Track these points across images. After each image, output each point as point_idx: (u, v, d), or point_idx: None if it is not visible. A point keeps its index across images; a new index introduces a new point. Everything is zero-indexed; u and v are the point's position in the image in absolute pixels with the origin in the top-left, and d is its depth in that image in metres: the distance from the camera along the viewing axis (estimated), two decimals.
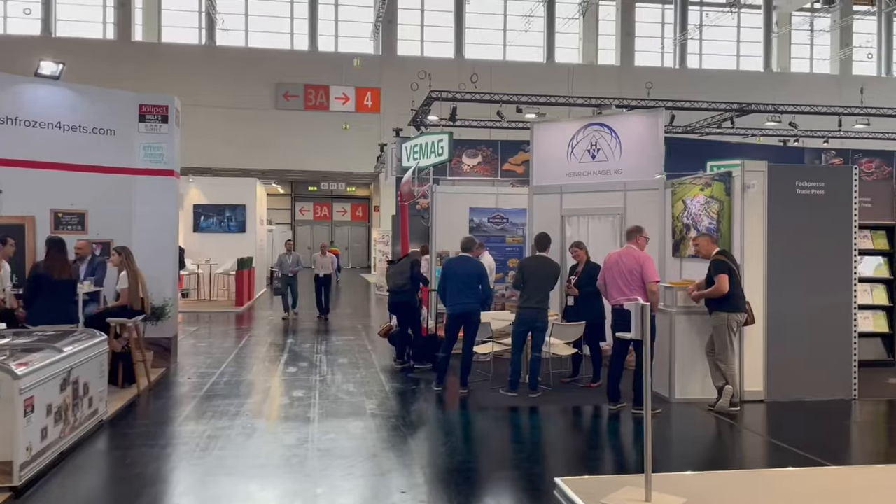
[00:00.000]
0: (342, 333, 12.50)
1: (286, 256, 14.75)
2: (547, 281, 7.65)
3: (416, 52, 31.69)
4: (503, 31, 32.80)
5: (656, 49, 33.73)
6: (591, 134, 10.06)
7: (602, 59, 32.86)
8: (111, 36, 30.08)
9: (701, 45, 33.81)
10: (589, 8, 32.09)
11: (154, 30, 30.28)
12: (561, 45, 32.96)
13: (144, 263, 8.51)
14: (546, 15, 32.44)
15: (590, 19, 32.59)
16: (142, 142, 9.00)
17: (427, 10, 32.48)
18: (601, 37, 33.09)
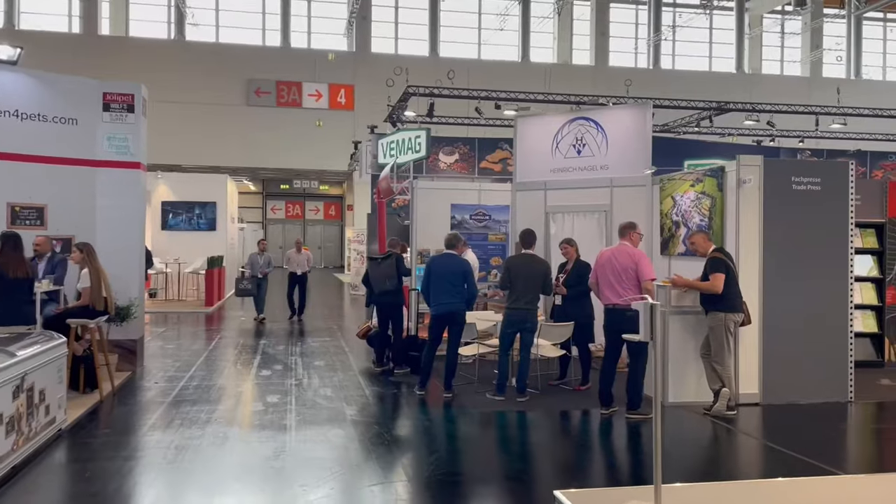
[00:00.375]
0: (317, 335, 12.03)
1: (258, 256, 13.73)
2: (535, 280, 7.28)
3: (391, 49, 31.23)
4: (478, 30, 32.49)
5: (631, 49, 33.68)
6: (577, 129, 9.73)
7: (577, 59, 32.71)
8: (77, 29, 29.12)
9: (674, 45, 33.85)
10: (564, 7, 31.92)
11: (122, 23, 29.40)
12: (536, 45, 32.75)
13: (108, 261, 7.98)
14: (521, 14, 32.19)
15: (564, 19, 32.43)
16: (106, 132, 8.45)
17: (401, 8, 32.03)
18: (576, 36, 32.95)
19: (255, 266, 13.54)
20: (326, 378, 8.37)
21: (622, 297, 6.55)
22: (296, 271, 13.95)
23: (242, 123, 29.00)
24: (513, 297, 7.28)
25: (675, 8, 33.79)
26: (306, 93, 29.92)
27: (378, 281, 8.54)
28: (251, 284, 13.41)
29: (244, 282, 13.36)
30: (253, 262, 13.67)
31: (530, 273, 7.27)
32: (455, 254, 7.55)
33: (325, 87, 30.03)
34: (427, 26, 31.72)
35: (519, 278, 7.26)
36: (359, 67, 30.16)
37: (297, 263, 14.00)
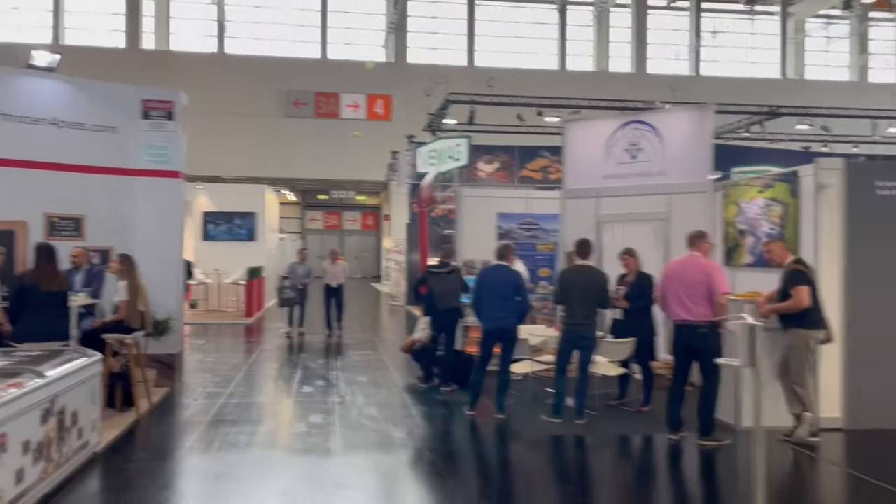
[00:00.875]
0: (358, 348, 11.59)
1: (298, 266, 12.95)
2: (592, 293, 6.72)
3: (428, 59, 30.91)
4: (515, 39, 32.03)
5: (671, 56, 32.88)
6: (631, 133, 9.16)
7: (615, 67, 32.02)
8: (120, 44, 29.38)
9: (715, 51, 32.97)
10: (602, 15, 31.29)
11: (164, 38, 29.59)
12: (573, 53, 32.16)
13: (147, 273, 7.64)
14: (559, 22, 31.64)
15: (602, 26, 31.79)
16: (145, 140, 8.14)
17: (438, 18, 31.75)
18: (613, 44, 32.30)
19: (295, 276, 12.80)
20: (370, 395, 7.90)
21: (693, 312, 5.96)
22: (331, 283, 13.10)
23: (281, 135, 28.90)
24: (568, 312, 6.74)
25: (716, 13, 32.94)
26: (344, 104, 29.73)
27: (443, 297, 7.96)
28: (294, 293, 12.61)
29: (286, 290, 12.57)
30: (293, 272, 12.95)
31: (587, 286, 6.72)
32: (506, 265, 7.03)
33: (363, 97, 29.80)
34: (465, 36, 31.35)
35: (574, 292, 6.71)
36: (396, 78, 29.88)
37: (333, 275, 13.10)
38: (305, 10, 30.70)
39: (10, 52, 12.96)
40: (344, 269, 13.31)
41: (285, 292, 12.56)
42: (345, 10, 31.06)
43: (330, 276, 13.11)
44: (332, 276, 13.10)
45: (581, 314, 6.64)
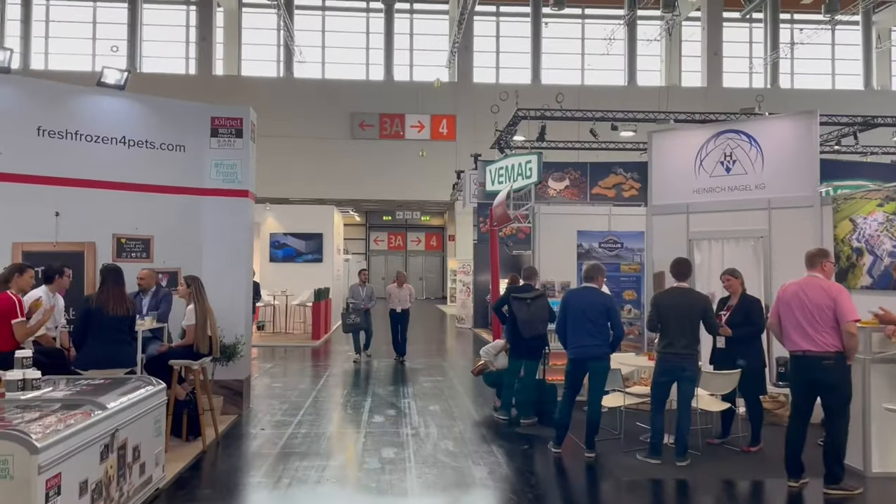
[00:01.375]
0: (428, 373, 11.07)
1: (359, 288, 12.31)
2: (692, 319, 6.03)
3: (492, 78, 30.59)
4: (581, 56, 31.40)
5: (744, 69, 31.63)
6: (725, 143, 8.44)
7: (686, 81, 30.98)
8: (193, 71, 30.09)
9: (793, 63, 31.56)
10: (673, 28, 30.35)
11: (234, 63, 30.17)
12: (642, 68, 31.31)
13: (215, 295, 7.35)
14: (627, 37, 30.86)
15: (673, 40, 30.83)
16: (214, 158, 7.89)
17: (503, 37, 31.45)
18: (685, 58, 31.31)
19: (358, 298, 12.16)
20: (445, 428, 7.35)
21: (816, 341, 5.21)
22: (395, 308, 12.27)
23: (347, 156, 28.99)
24: (665, 340, 6.06)
25: (793, 24, 31.58)
26: (409, 124, 29.63)
27: (529, 324, 7.37)
28: (359, 317, 11.98)
29: (351, 315, 11.97)
30: (354, 295, 12.29)
31: (686, 310, 6.04)
32: (595, 287, 6.40)
33: (427, 118, 29.65)
34: (529, 54, 30.91)
35: (671, 317, 6.03)
36: (460, 97, 29.65)
37: (398, 299, 12.30)
38: (371, 34, 30.90)
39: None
40: (410, 293, 12.47)
41: (349, 318, 11.97)
42: (409, 31, 31.13)
43: (394, 300, 12.34)
44: (396, 299, 12.33)
45: (681, 342, 5.96)
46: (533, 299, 7.49)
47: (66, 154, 7.13)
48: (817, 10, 27.76)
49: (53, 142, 7.08)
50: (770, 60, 30.88)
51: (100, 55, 30.11)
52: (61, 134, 7.12)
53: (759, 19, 31.39)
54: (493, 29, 31.48)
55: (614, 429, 6.87)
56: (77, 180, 7.16)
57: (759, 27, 31.50)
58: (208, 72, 29.82)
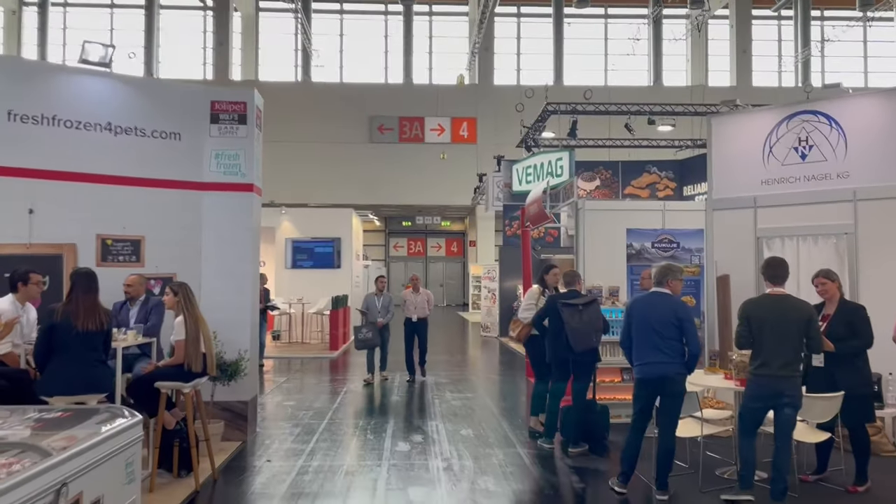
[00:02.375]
0: (455, 388, 9.91)
1: (375, 299, 10.40)
2: (790, 332, 4.81)
3: (513, 80, 29.48)
4: (604, 56, 30.20)
5: (773, 68, 30.27)
6: (800, 126, 7.22)
7: (713, 81, 29.65)
8: (210, 76, 29.28)
9: (823, 61, 30.15)
10: (701, 26, 29.05)
11: (251, 68, 29.33)
12: (668, 68, 30.06)
13: (216, 305, 6.35)
14: (652, 37, 29.63)
15: (699, 39, 29.54)
16: (214, 148, 6.82)
17: (524, 38, 30.34)
18: (711, 57, 30.02)
19: (373, 311, 10.30)
20: (482, 458, 6.19)
21: None
22: (412, 317, 10.46)
23: (366, 160, 28.00)
24: (758, 358, 4.86)
25: (823, 21, 30.18)
26: (428, 127, 28.59)
27: (581, 335, 6.20)
28: (372, 332, 10.14)
29: (363, 330, 10.16)
30: (370, 306, 10.39)
31: (783, 322, 4.82)
32: (667, 293, 5.22)
33: (448, 121, 28.59)
34: (552, 55, 29.78)
35: (766, 331, 4.83)
36: (481, 99, 28.58)
37: (415, 307, 10.47)
38: (390, 37, 29.95)
39: None
40: (428, 298, 10.64)
41: (361, 332, 10.16)
42: (428, 34, 30.14)
43: (410, 308, 10.50)
44: (412, 307, 10.49)
45: (778, 362, 4.75)
46: (585, 306, 6.32)
47: (42, 142, 6.09)
48: (850, 5, 26.38)
49: (27, 128, 6.04)
50: (801, 58, 29.49)
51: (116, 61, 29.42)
52: (36, 119, 6.07)
53: (789, 16, 30.04)
54: (514, 30, 30.39)
55: (684, 461, 5.67)
56: (54, 172, 6.11)
57: (789, 24, 30.14)
58: (225, 76, 28.99)
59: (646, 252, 7.81)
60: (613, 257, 7.72)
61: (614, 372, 7.49)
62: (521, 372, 11.36)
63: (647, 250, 7.81)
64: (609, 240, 7.78)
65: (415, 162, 28.11)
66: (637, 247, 7.82)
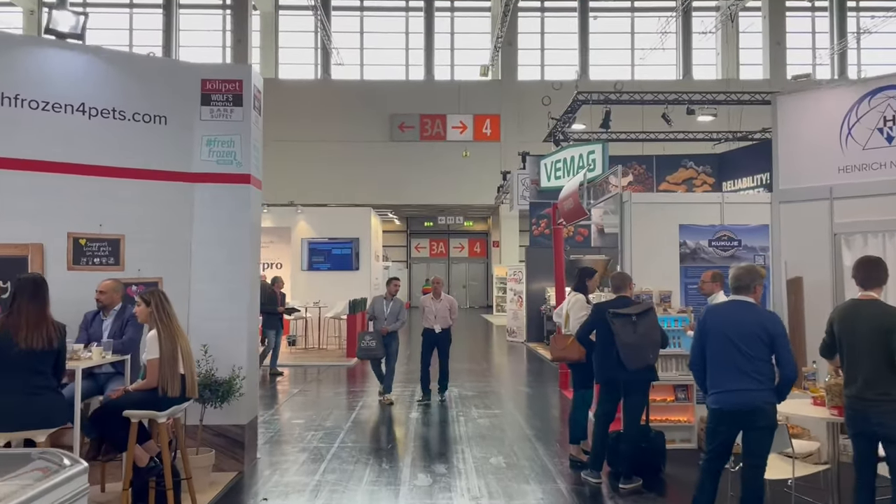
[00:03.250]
0: (481, 403, 8.88)
1: (384, 302, 8.77)
2: (873, 344, 3.75)
3: (538, 76, 28.37)
4: (631, 51, 28.97)
5: (807, 61, 28.81)
6: (885, 104, 6.10)
7: (745, 74, 28.29)
8: None
9: (859, 53, 28.65)
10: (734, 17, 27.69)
11: (271, 67, 28.55)
12: (697, 62, 28.76)
13: (207, 312, 5.42)
14: (681, 30, 28.33)
15: (730, 31, 28.20)
16: (205, 133, 5.87)
17: (548, 33, 29.20)
18: (742, 50, 28.67)
19: (380, 316, 8.70)
20: (517, 495, 5.16)
21: None
22: (433, 328, 8.77)
23: (386, 160, 27.07)
24: (849, 375, 3.82)
25: (859, 12, 28.68)
26: (450, 125, 27.57)
27: (637, 351, 5.15)
28: (376, 341, 8.57)
29: (367, 337, 8.69)
30: (376, 310, 8.78)
31: (867, 333, 3.78)
32: (751, 302, 4.14)
33: (470, 118, 27.55)
34: (577, 50, 28.62)
35: (854, 343, 3.81)
36: (505, 96, 27.51)
37: (436, 315, 8.76)
38: (411, 34, 28.99)
39: None
40: (451, 306, 8.84)
41: (364, 339, 8.63)
42: (450, 31, 29.14)
43: (430, 317, 8.80)
44: (432, 315, 8.78)
45: (861, 380, 3.71)
46: (639, 316, 5.26)
47: (3, 126, 5.17)
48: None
49: None
50: (837, 50, 28.02)
51: None
52: None
53: (824, 6, 28.57)
54: (538, 25, 29.27)
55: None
56: (17, 161, 5.20)
57: (824, 16, 28.66)
58: None
59: (702, 251, 6.71)
60: (664, 258, 6.65)
61: (666, 389, 6.42)
62: (553, 383, 10.30)
63: (704, 249, 6.71)
64: (659, 238, 6.70)
65: (436, 161, 27.11)
66: (692, 245, 6.73)
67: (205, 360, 5.44)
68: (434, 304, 8.87)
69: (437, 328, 8.76)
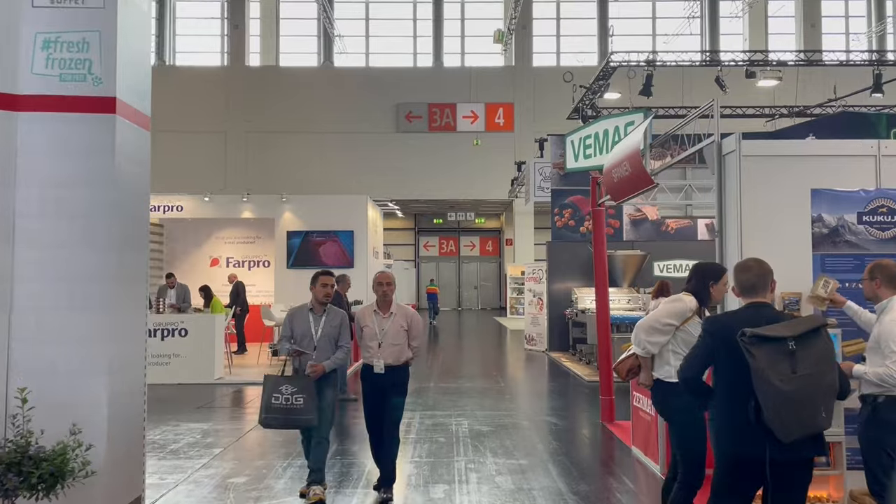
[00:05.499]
0: (499, 442, 6.35)
1: (309, 319, 4.66)
2: None
3: (553, 62, 25.82)
4: (652, 37, 26.35)
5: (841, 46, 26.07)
6: None
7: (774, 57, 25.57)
8: (227, 63, 26.23)
9: None
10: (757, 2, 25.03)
11: (272, 55, 26.18)
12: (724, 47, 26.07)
13: (35, 328, 2.95)
14: (708, 14, 25.70)
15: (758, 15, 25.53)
16: (40, 30, 3.38)
17: (563, 19, 26.63)
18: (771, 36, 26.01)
19: (305, 342, 4.60)
20: None
21: None
22: (374, 364, 4.58)
23: (392, 152, 24.62)
24: None
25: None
26: (461, 115, 25.08)
27: (799, 406, 2.63)
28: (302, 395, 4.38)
29: (283, 388, 4.41)
30: (297, 330, 4.66)
31: None
32: None
33: (482, 107, 25.04)
34: (596, 36, 26.04)
35: None
36: (518, 83, 24.98)
37: (381, 342, 4.58)
38: (419, 20, 26.52)
39: None
40: (409, 323, 4.67)
41: (277, 392, 4.41)
42: (460, 17, 26.62)
43: (369, 344, 4.61)
44: (373, 342, 4.60)
45: None
46: (801, 340, 2.70)
47: None
48: None
49: None
50: (875, 33, 25.27)
51: None
52: None
53: None
54: (554, 10, 26.72)
55: None
56: None
57: None
58: (242, 62, 25.89)
59: (847, 231, 4.15)
60: (788, 241, 4.09)
61: None
62: (589, 409, 7.77)
63: (850, 227, 4.15)
64: (780, 209, 4.15)
65: (446, 153, 24.64)
66: (830, 220, 4.16)
67: (21, 415, 2.96)
68: (378, 322, 4.61)
69: (380, 365, 4.54)
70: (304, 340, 4.61)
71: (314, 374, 4.46)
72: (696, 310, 3.66)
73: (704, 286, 3.63)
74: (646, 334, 3.68)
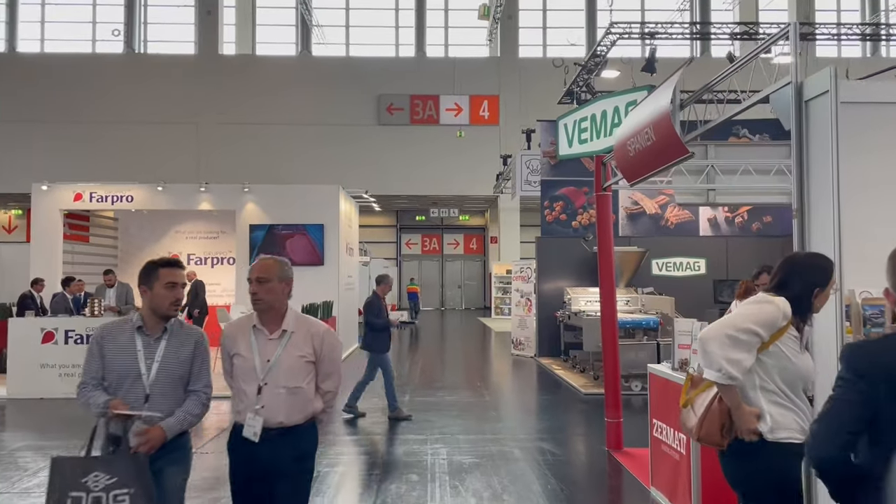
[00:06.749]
0: (485, 482, 5.04)
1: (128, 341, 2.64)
2: None
3: (540, 53, 24.54)
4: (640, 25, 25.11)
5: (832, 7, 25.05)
6: None
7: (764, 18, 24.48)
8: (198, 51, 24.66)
9: None
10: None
11: (248, 44, 24.65)
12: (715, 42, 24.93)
13: None
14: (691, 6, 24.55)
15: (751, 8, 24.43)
16: None
17: (550, 10, 25.36)
18: None
19: (127, 386, 2.61)
20: None
21: None
22: (243, 424, 2.62)
23: (373, 145, 23.21)
24: None
25: None
26: (444, 107, 23.70)
27: None
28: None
29: (84, 485, 2.39)
30: (108, 366, 2.63)
31: None
32: None
33: (466, 99, 23.69)
34: (584, 28, 24.79)
35: None
36: (504, 75, 23.67)
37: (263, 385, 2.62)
38: (401, 10, 25.11)
39: None
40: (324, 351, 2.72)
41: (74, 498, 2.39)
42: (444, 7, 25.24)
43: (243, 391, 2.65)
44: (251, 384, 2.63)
45: None
46: None
47: None
48: None
49: None
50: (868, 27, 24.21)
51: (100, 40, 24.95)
52: None
53: None
54: (540, 1, 25.42)
55: None
56: None
57: None
58: (215, 50, 24.31)
59: None
60: None
61: None
62: (591, 432, 6.46)
63: None
64: (888, 180, 2.87)
65: (429, 146, 23.27)
66: None
67: None
68: (259, 347, 2.69)
69: (255, 428, 2.59)
70: (126, 384, 2.55)
71: (147, 446, 2.48)
72: (793, 321, 2.35)
73: (809, 292, 2.31)
74: (720, 348, 2.30)
